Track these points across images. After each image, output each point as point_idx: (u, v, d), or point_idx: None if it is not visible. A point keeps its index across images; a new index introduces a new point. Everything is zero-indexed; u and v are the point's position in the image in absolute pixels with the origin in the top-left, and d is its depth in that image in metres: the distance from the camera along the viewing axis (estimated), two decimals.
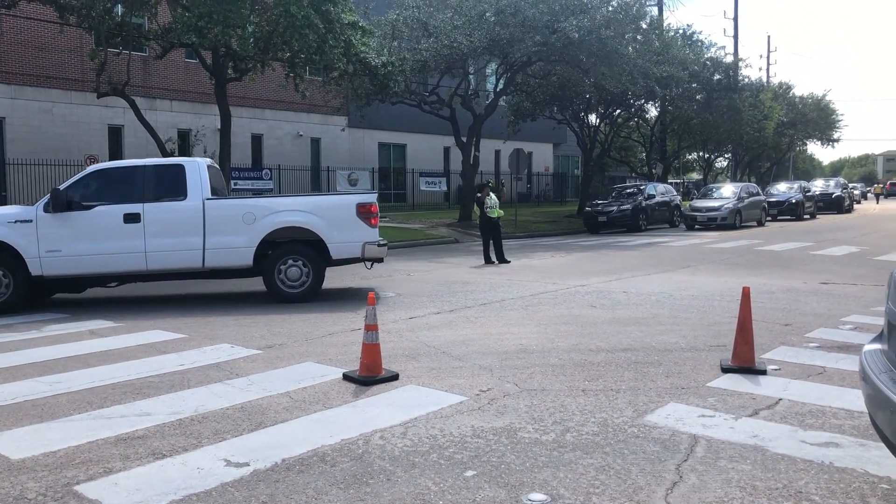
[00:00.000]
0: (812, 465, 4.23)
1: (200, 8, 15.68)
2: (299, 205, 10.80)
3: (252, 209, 10.52)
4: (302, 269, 10.55)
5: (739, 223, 26.93)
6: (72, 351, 7.40)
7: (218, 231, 10.38)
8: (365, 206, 10.77)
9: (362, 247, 10.65)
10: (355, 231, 10.66)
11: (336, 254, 10.63)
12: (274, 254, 10.53)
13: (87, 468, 4.24)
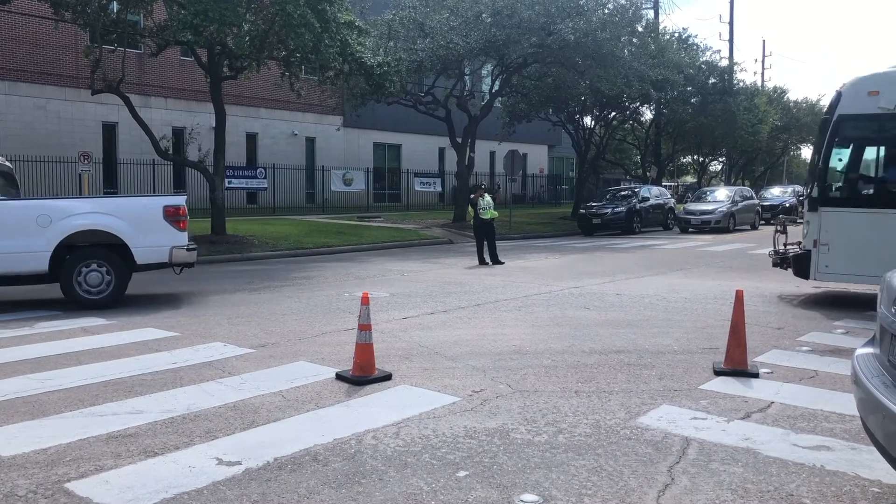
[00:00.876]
0: (804, 468, 4.24)
1: (196, 5, 15.64)
2: (101, 207, 10.28)
3: (47, 211, 9.90)
4: (103, 275, 10.02)
5: (733, 226, 27.01)
6: (64, 348, 7.37)
7: (6, 234, 9.66)
8: (173, 208, 10.40)
9: (170, 251, 10.28)
10: (162, 235, 10.27)
11: (141, 258, 10.19)
12: (72, 258, 9.94)
13: (78, 466, 4.22)
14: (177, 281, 12.85)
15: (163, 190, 26.97)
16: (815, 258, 10.14)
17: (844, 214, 10.03)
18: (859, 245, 9.84)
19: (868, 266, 9.62)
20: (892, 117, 9.71)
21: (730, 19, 46.53)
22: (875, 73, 10.22)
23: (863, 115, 9.86)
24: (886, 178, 10.18)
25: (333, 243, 20.02)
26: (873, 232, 9.76)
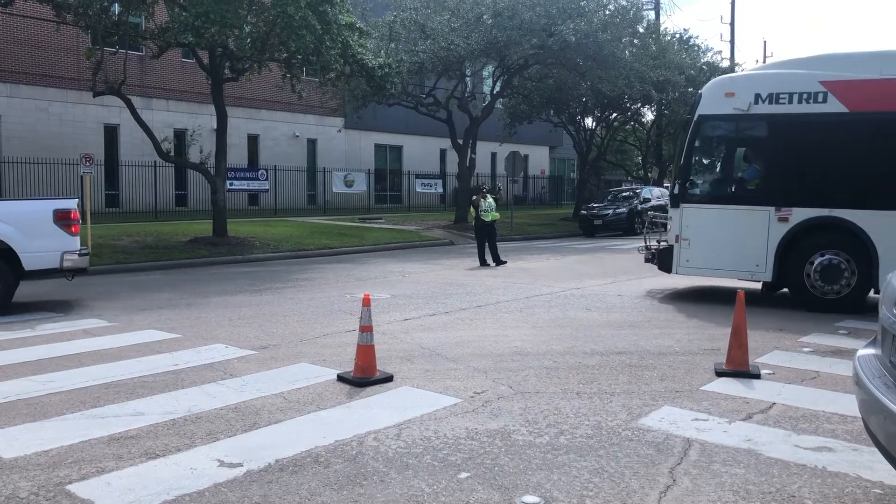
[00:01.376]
0: (805, 469, 4.23)
1: (197, 7, 15.65)
2: None
3: None
4: None
5: None
6: (65, 350, 7.37)
7: None
8: (64, 212, 10.02)
9: (61, 257, 9.90)
10: (53, 240, 9.87)
11: (29, 264, 9.73)
12: None
13: (79, 467, 4.22)
14: (178, 283, 12.85)
15: (165, 192, 26.99)
16: (677, 253, 10.61)
17: (703, 211, 10.50)
18: (717, 240, 10.32)
19: (725, 260, 10.28)
20: (746, 118, 10.23)
21: (731, 20, 46.50)
22: (732, 76, 10.71)
23: (720, 115, 10.35)
24: (741, 176, 10.70)
25: (335, 245, 20.03)
26: (729, 228, 10.26)
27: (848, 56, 10.27)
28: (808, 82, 9.89)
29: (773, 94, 10.05)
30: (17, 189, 23.61)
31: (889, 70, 9.63)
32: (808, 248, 9.88)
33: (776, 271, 10.01)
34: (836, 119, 9.78)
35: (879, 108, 9.58)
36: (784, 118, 10.04)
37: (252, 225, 22.77)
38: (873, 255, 9.50)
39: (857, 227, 9.60)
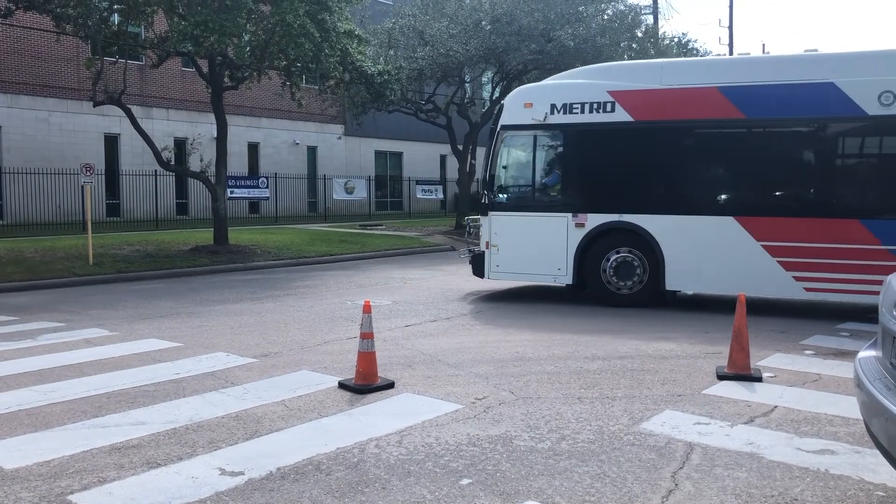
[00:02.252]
0: (808, 472, 4.23)
1: (197, 17, 15.69)
2: None
3: None
4: None
5: None
6: (67, 360, 7.37)
7: None
8: None
9: None
10: None
11: None
12: None
13: (81, 477, 4.22)
14: (179, 292, 12.86)
15: (165, 201, 27.02)
16: (488, 259, 11.14)
17: (509, 218, 10.99)
18: (523, 246, 10.87)
19: (531, 265, 10.82)
20: (543, 128, 10.72)
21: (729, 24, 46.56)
22: (529, 86, 11.25)
23: (520, 125, 10.80)
24: (542, 184, 11.14)
25: (336, 252, 20.03)
26: (533, 234, 10.82)
27: (633, 66, 11.00)
28: (598, 92, 10.39)
29: (566, 105, 10.52)
30: (19, 201, 23.64)
31: (669, 80, 10.17)
32: (602, 249, 10.50)
33: (576, 273, 10.58)
34: (623, 128, 10.31)
35: (661, 116, 10.17)
36: (577, 128, 10.55)
37: (253, 233, 22.78)
38: (660, 256, 10.16)
39: (645, 231, 10.22)
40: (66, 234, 20.93)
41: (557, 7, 23.82)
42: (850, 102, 9.27)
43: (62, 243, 18.20)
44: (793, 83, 9.58)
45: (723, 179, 10.30)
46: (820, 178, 9.79)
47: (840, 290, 9.45)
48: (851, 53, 10.05)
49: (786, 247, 9.57)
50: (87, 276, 14.44)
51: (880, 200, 9.44)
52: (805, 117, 9.61)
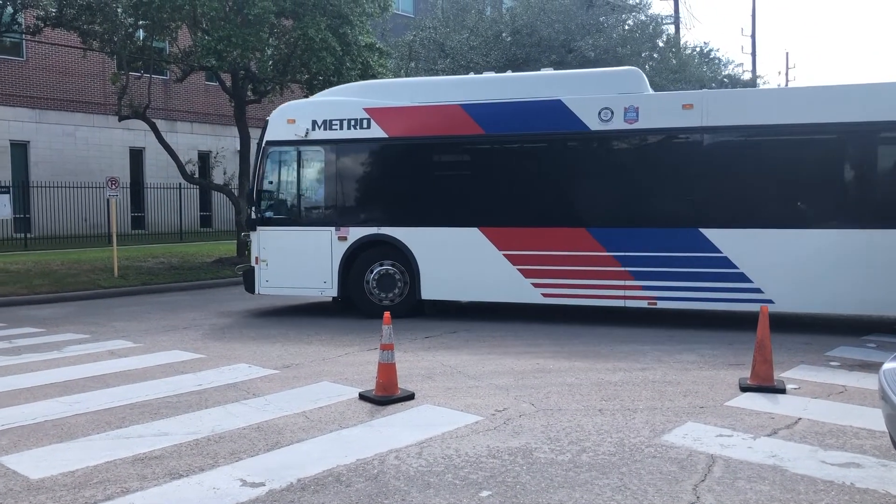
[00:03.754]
0: (832, 485, 4.17)
1: (220, 32, 15.89)
2: None
3: None
4: None
5: None
6: (91, 371, 7.46)
7: None
8: None
9: None
10: None
11: None
12: None
13: (104, 488, 4.27)
14: (202, 303, 12.97)
15: (189, 213, 27.29)
16: (258, 274, 11.15)
17: (276, 233, 11.09)
18: (290, 261, 10.96)
19: (298, 279, 10.95)
20: (306, 144, 10.87)
21: (752, 32, 46.29)
22: (292, 103, 11.43)
23: (284, 141, 11.06)
24: (306, 199, 11.32)
25: None
26: (299, 249, 10.93)
27: (388, 84, 11.36)
28: (355, 109, 10.68)
29: (327, 121, 10.77)
30: (46, 214, 23.99)
31: (419, 97, 10.49)
32: (365, 262, 10.73)
33: (341, 286, 10.73)
34: (378, 144, 10.68)
35: (412, 133, 10.53)
36: (336, 144, 10.80)
37: None
38: (415, 267, 10.48)
39: (401, 243, 10.54)
40: (92, 247, 21.21)
41: (578, 18, 23.83)
42: (575, 119, 9.81)
43: (88, 256, 18.45)
44: (526, 100, 10.10)
45: (468, 193, 10.46)
46: (550, 189, 10.12)
47: (573, 296, 9.93)
48: (577, 72, 10.88)
49: (524, 255, 10.05)
50: (112, 289, 14.61)
51: (603, 210, 9.95)
52: (536, 133, 10.13)
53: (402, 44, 25.24)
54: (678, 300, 9.55)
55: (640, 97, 9.72)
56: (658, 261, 9.53)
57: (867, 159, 9.17)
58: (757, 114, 9.34)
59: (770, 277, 9.18)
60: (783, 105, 9.39)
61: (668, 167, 9.71)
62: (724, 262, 9.31)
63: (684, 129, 9.54)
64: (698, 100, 9.50)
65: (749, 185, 9.43)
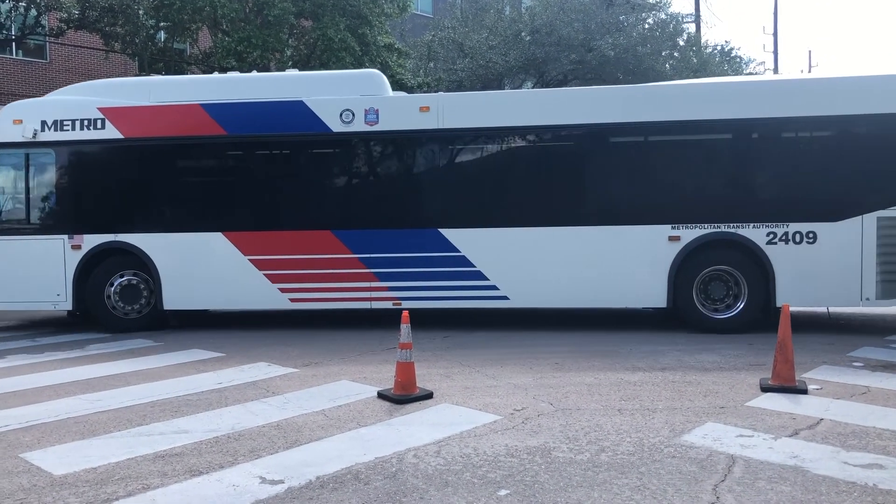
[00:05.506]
0: (855, 486, 4.12)
1: (240, 33, 16.03)
2: None
3: None
4: None
5: None
6: (113, 369, 7.54)
7: None
8: None
9: None
10: None
11: None
12: None
13: (126, 484, 4.31)
14: None
15: None
16: None
17: (1, 243, 10.17)
18: (17, 272, 10.07)
19: (27, 292, 10.09)
20: (35, 146, 10.14)
21: (774, 30, 45.88)
22: (20, 103, 10.69)
23: (9, 143, 10.15)
24: (35, 204, 10.39)
25: None
26: (29, 259, 10.07)
27: (123, 83, 10.79)
28: (89, 109, 10.06)
29: (58, 122, 10.09)
30: None
31: (158, 96, 10.08)
32: (105, 272, 10.08)
33: (77, 299, 10.02)
34: (113, 146, 10.05)
35: (150, 133, 9.99)
36: (69, 146, 10.12)
37: None
38: (156, 276, 9.95)
39: (141, 251, 9.97)
40: None
41: (597, 17, 23.74)
42: (317, 120, 9.68)
43: None
44: (269, 101, 9.86)
45: (211, 196, 10.10)
46: (293, 192, 9.98)
47: (321, 299, 9.79)
48: (321, 74, 10.81)
49: (270, 260, 9.80)
50: None
51: (347, 212, 9.81)
52: (279, 134, 9.87)
53: (421, 44, 25.26)
54: (422, 300, 9.59)
55: (381, 99, 9.72)
56: (402, 262, 9.60)
57: (587, 160, 9.51)
58: (489, 116, 9.53)
59: (504, 275, 9.43)
60: (513, 108, 9.55)
61: (408, 169, 9.86)
62: (462, 262, 9.49)
63: (422, 132, 9.61)
64: (434, 102, 9.62)
65: (483, 186, 9.65)
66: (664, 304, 9.27)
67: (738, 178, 9.33)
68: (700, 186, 9.39)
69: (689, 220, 9.18)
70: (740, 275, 9.18)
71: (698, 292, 9.27)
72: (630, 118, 9.29)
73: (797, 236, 9.06)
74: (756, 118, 9.17)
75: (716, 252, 9.21)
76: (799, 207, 9.09)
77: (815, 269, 9.00)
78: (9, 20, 17.46)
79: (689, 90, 9.50)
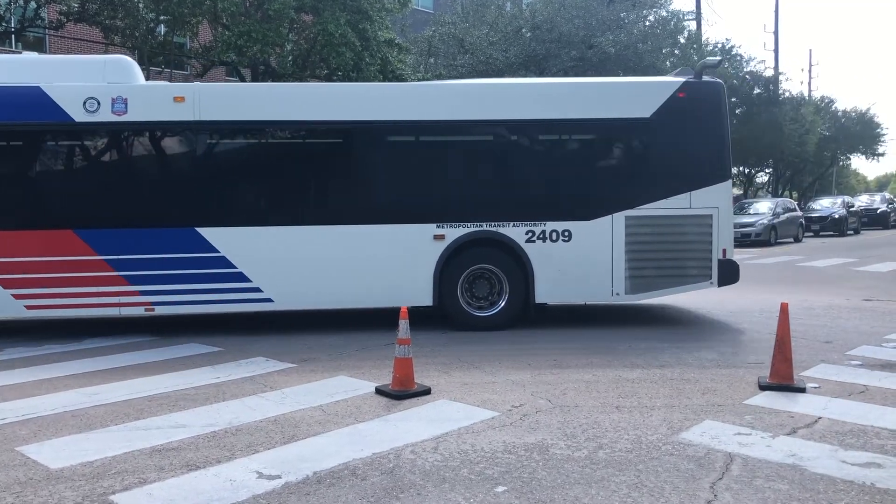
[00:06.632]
0: (853, 485, 4.12)
1: (240, 27, 16.00)
2: None
3: None
4: None
5: (775, 239, 25.97)
6: (111, 363, 7.53)
7: None
8: None
9: None
10: None
11: None
12: None
13: (122, 478, 4.30)
14: None
15: None
16: None
17: None
18: None
19: None
20: None
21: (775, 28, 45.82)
22: None
23: None
24: None
25: None
26: None
27: None
28: None
29: None
30: None
31: None
32: None
33: None
34: None
35: None
36: None
37: None
38: None
39: None
40: None
41: (598, 14, 23.73)
42: (57, 109, 8.78)
43: None
44: (1, 86, 8.81)
45: None
46: (30, 188, 9.13)
47: (62, 306, 9.00)
48: (63, 58, 9.72)
49: (1, 263, 8.80)
50: None
51: (92, 210, 9.00)
52: (14, 123, 8.83)
53: (422, 39, 25.25)
54: (178, 304, 9.08)
55: (130, 87, 8.94)
56: (155, 264, 8.93)
57: (353, 158, 9.31)
58: (251, 109, 9.09)
59: (267, 276, 9.07)
60: (277, 101, 9.18)
61: (161, 163, 9.31)
62: (222, 263, 9.01)
63: (176, 124, 9.01)
64: (190, 93, 9.03)
65: (243, 183, 9.33)
66: (430, 302, 9.21)
67: (499, 177, 9.43)
68: (464, 186, 9.43)
69: (454, 219, 9.14)
70: (502, 273, 9.26)
71: (463, 290, 9.30)
72: (395, 116, 9.14)
73: (554, 235, 9.21)
74: (516, 119, 9.27)
75: (479, 250, 9.24)
76: (555, 207, 9.27)
77: (571, 266, 9.21)
78: (8, 12, 17.42)
79: (451, 90, 9.54)
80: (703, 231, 9.35)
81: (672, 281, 9.38)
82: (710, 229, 9.35)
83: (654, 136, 9.34)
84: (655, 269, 9.32)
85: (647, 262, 9.30)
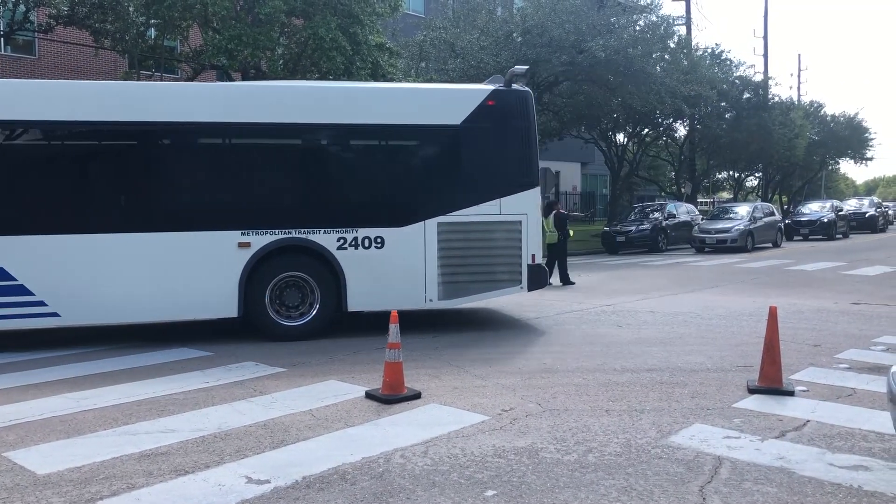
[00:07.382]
0: (840, 488, 4.14)
1: (231, 31, 15.97)
2: None
3: None
4: None
5: (752, 245, 25.04)
6: (99, 368, 7.49)
7: None
8: None
9: None
10: None
11: None
12: None
13: (110, 484, 4.28)
14: None
15: None
16: None
17: None
18: None
19: None
20: None
21: (764, 34, 46.11)
22: None
23: None
24: None
25: None
26: None
27: None
28: None
29: None
30: None
31: None
32: None
33: None
34: None
35: None
36: None
37: None
38: None
39: None
40: None
41: (588, 18, 23.78)
42: None
43: None
44: None
45: None
46: None
47: None
48: None
49: None
50: None
51: None
52: None
53: (413, 44, 25.25)
54: None
55: None
56: None
57: (150, 161, 8.86)
58: (46, 109, 8.39)
59: (53, 289, 8.38)
60: (72, 101, 8.52)
61: None
62: (0, 275, 8.29)
63: None
64: None
65: (26, 187, 8.49)
66: (235, 313, 8.87)
67: (309, 183, 9.28)
68: (271, 191, 9.23)
69: (261, 225, 8.85)
70: (313, 281, 9.07)
71: (272, 300, 9.02)
72: (193, 118, 8.75)
73: (366, 241, 9.12)
74: (324, 123, 9.15)
75: (289, 258, 9.01)
76: (367, 213, 9.17)
77: (384, 273, 9.16)
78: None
79: (255, 91, 9.31)
80: (513, 237, 9.43)
81: (484, 286, 9.43)
82: (520, 235, 9.44)
83: (464, 143, 9.37)
84: (468, 274, 9.34)
85: (460, 268, 9.31)
